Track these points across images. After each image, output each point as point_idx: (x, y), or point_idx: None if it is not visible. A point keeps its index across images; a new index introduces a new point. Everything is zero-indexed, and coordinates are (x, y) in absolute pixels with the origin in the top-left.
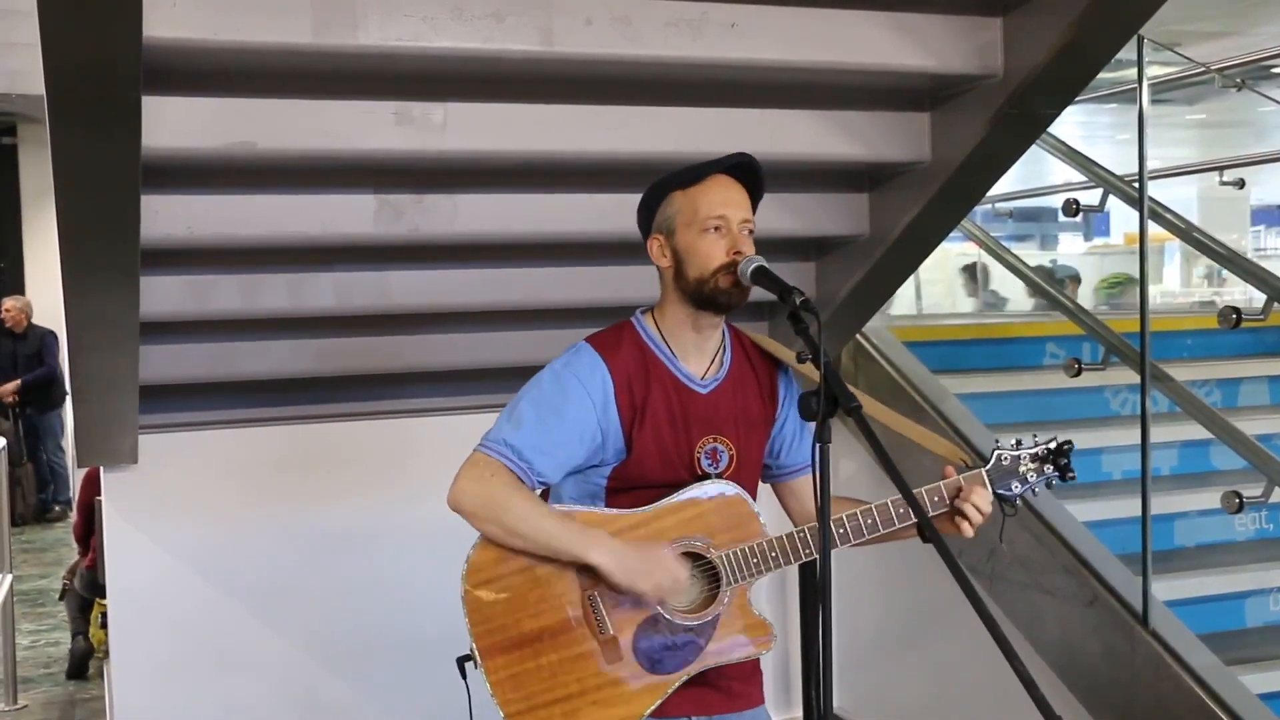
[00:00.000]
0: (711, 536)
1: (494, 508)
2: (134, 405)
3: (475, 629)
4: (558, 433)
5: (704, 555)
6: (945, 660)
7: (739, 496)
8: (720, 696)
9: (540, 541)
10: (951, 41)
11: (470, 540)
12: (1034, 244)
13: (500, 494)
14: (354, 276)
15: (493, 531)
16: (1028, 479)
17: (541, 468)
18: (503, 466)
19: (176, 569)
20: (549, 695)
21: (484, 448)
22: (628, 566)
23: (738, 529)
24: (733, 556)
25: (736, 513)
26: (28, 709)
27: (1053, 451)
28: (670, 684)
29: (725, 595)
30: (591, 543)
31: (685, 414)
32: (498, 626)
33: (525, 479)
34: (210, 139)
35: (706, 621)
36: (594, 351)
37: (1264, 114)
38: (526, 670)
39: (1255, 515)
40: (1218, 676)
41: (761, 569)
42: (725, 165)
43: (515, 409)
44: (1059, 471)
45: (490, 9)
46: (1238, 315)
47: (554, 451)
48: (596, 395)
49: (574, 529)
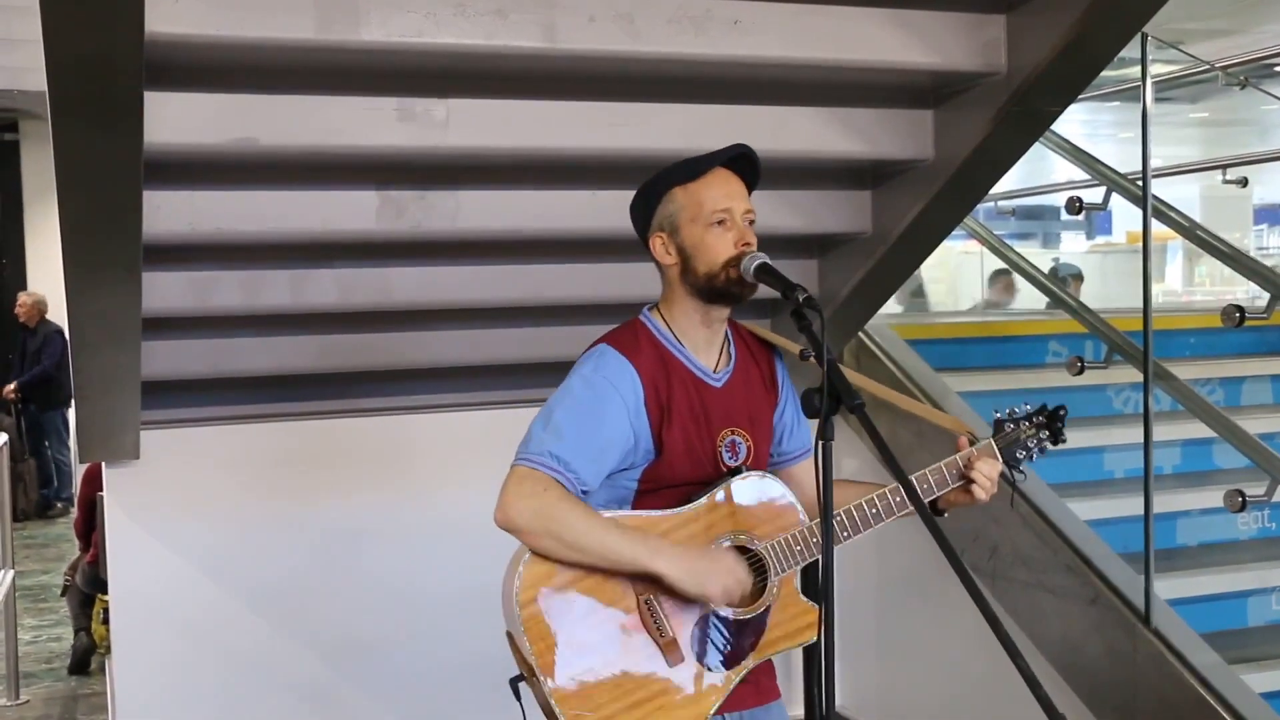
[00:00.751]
0: (753, 529)
1: (551, 523)
2: (136, 401)
3: (535, 645)
4: (598, 439)
5: (749, 548)
6: (948, 658)
7: (772, 485)
8: (752, 691)
9: (603, 554)
10: (955, 39)
11: (473, 538)
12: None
13: (556, 509)
14: (356, 273)
15: (549, 547)
16: (1029, 445)
17: (586, 476)
18: (553, 480)
19: (178, 565)
20: (616, 705)
21: (527, 461)
22: (695, 572)
23: (776, 519)
24: (777, 546)
25: (772, 503)
26: (29, 704)
27: (1048, 416)
28: (733, 680)
29: (774, 586)
30: (655, 552)
31: (705, 409)
32: (559, 641)
33: (572, 489)
34: (212, 135)
35: (759, 614)
36: (619, 354)
37: (1267, 112)
38: (594, 681)
39: (1258, 514)
40: (1220, 675)
41: (805, 555)
42: (723, 158)
43: (550, 418)
44: (1052, 435)
45: (493, 5)
46: (1241, 314)
47: (597, 458)
48: (629, 398)
49: (635, 539)
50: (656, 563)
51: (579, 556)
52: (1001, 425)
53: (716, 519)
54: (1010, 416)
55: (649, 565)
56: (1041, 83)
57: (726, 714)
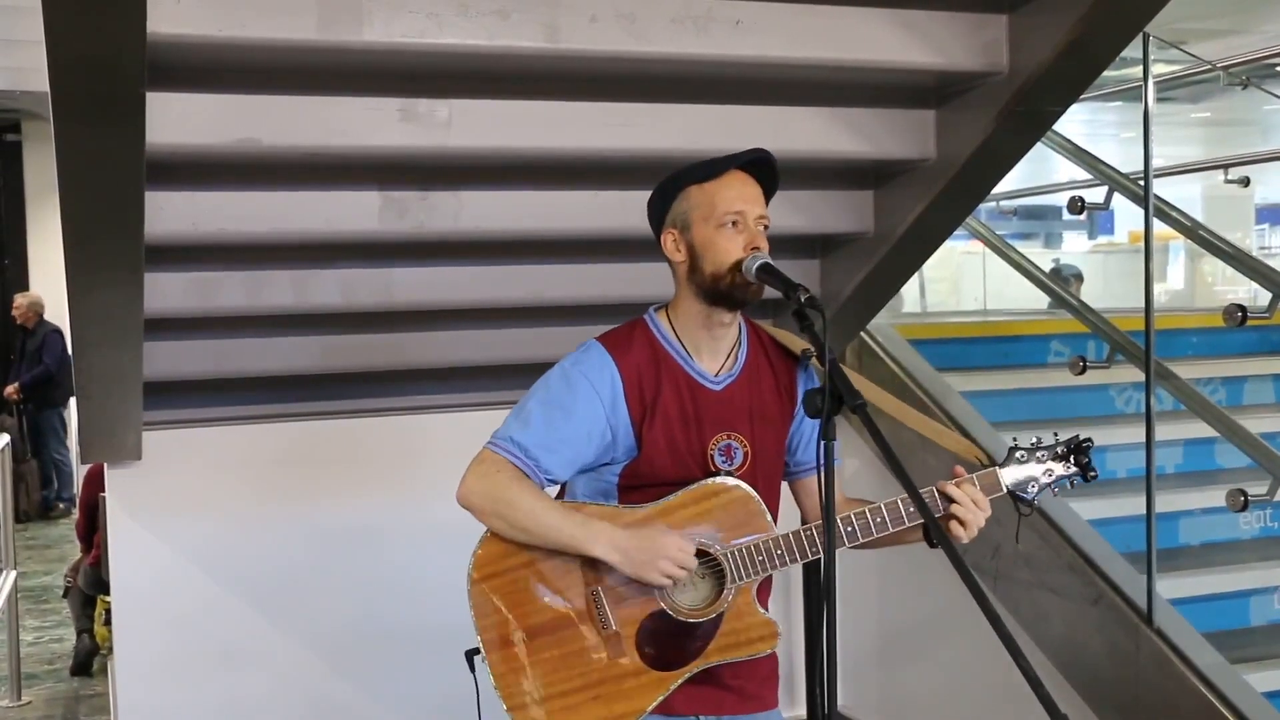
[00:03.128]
0: (719, 533)
1: (499, 503)
2: (138, 402)
3: (480, 622)
4: (565, 430)
5: (709, 552)
6: (950, 659)
7: (747, 493)
8: (733, 697)
9: (545, 535)
10: (957, 39)
11: (475, 538)
12: (1038, 242)
13: (505, 489)
14: (359, 273)
15: (498, 526)
16: (1045, 479)
17: (549, 465)
18: (508, 463)
19: (180, 566)
20: (551, 689)
21: (492, 445)
22: (633, 557)
23: (745, 526)
24: (738, 554)
25: (744, 510)
26: (31, 705)
27: (1071, 449)
28: (673, 680)
29: (730, 592)
30: (594, 535)
31: (697, 411)
32: (502, 620)
33: (532, 476)
34: (215, 135)
35: (710, 619)
36: (603, 350)
37: (1269, 112)
38: (529, 664)
39: (1260, 513)
40: (1222, 675)
41: (767, 566)
42: (742, 161)
43: (524, 407)
44: (1080, 470)
45: (495, 6)
46: (1243, 313)
47: (561, 449)
48: (605, 393)
49: (577, 522)
50: (595, 547)
51: (525, 537)
52: (1012, 454)
53: (682, 519)
54: (1032, 445)
55: (589, 548)
56: (1043, 83)
57: (702, 715)
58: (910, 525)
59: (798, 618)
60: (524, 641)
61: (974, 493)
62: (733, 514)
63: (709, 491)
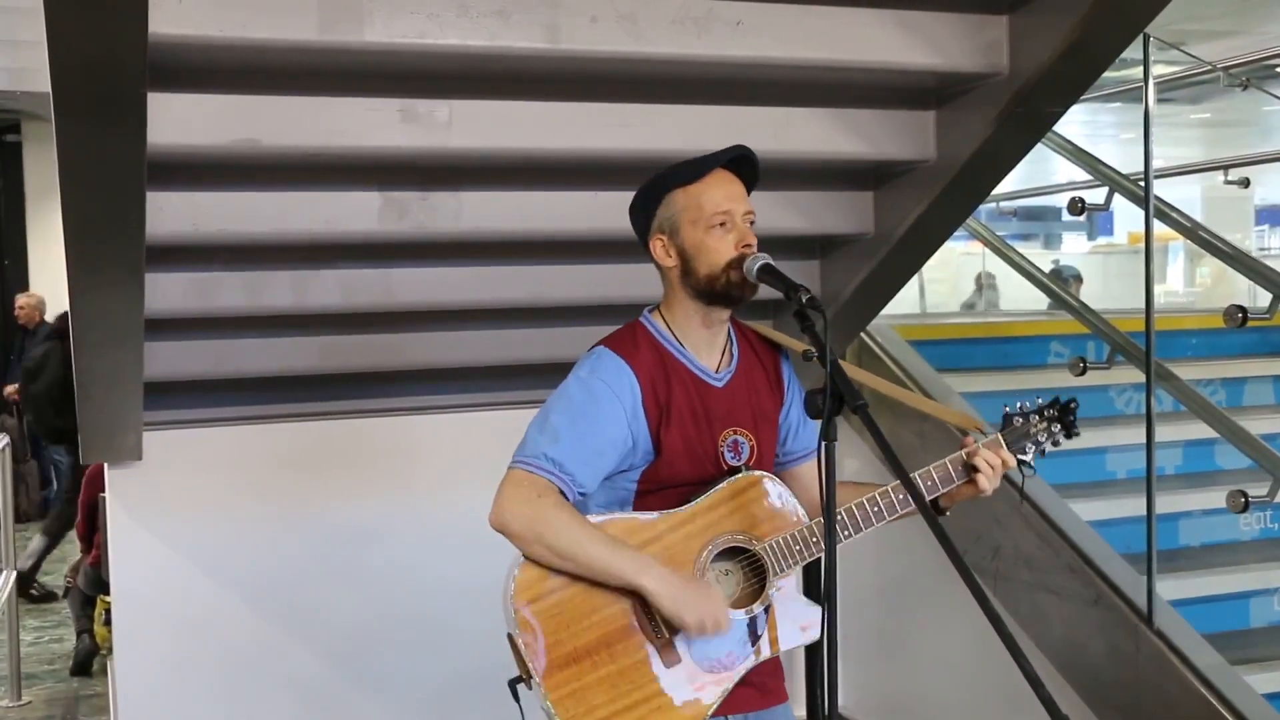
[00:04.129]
0: (751, 529)
1: (544, 531)
2: (138, 402)
3: (530, 648)
4: (593, 441)
5: (747, 548)
6: (950, 659)
7: (770, 485)
8: (755, 693)
9: (591, 566)
10: (957, 40)
11: (478, 538)
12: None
13: (549, 516)
14: (358, 274)
15: (539, 554)
16: (1039, 439)
17: (582, 478)
18: (549, 485)
19: (180, 566)
20: (613, 705)
21: (524, 464)
22: (677, 596)
23: (774, 519)
24: (776, 546)
25: (770, 502)
26: (31, 705)
27: (1059, 410)
28: (731, 680)
29: (773, 586)
30: (643, 568)
31: (706, 409)
32: (554, 643)
33: (568, 493)
34: (215, 136)
35: (759, 614)
36: (617, 356)
37: (1269, 113)
38: (587, 683)
39: (1260, 515)
40: (1222, 676)
41: (804, 555)
42: (723, 160)
43: (546, 421)
44: (1064, 428)
45: (495, 6)
46: (1243, 314)
47: (593, 461)
48: (626, 400)
49: (624, 554)
50: (643, 579)
51: (569, 565)
52: (1010, 419)
53: (714, 519)
54: (1020, 411)
55: (636, 580)
56: (1043, 84)
57: (730, 716)
58: (905, 512)
59: None
60: (579, 660)
61: (991, 456)
62: (765, 507)
63: (740, 487)
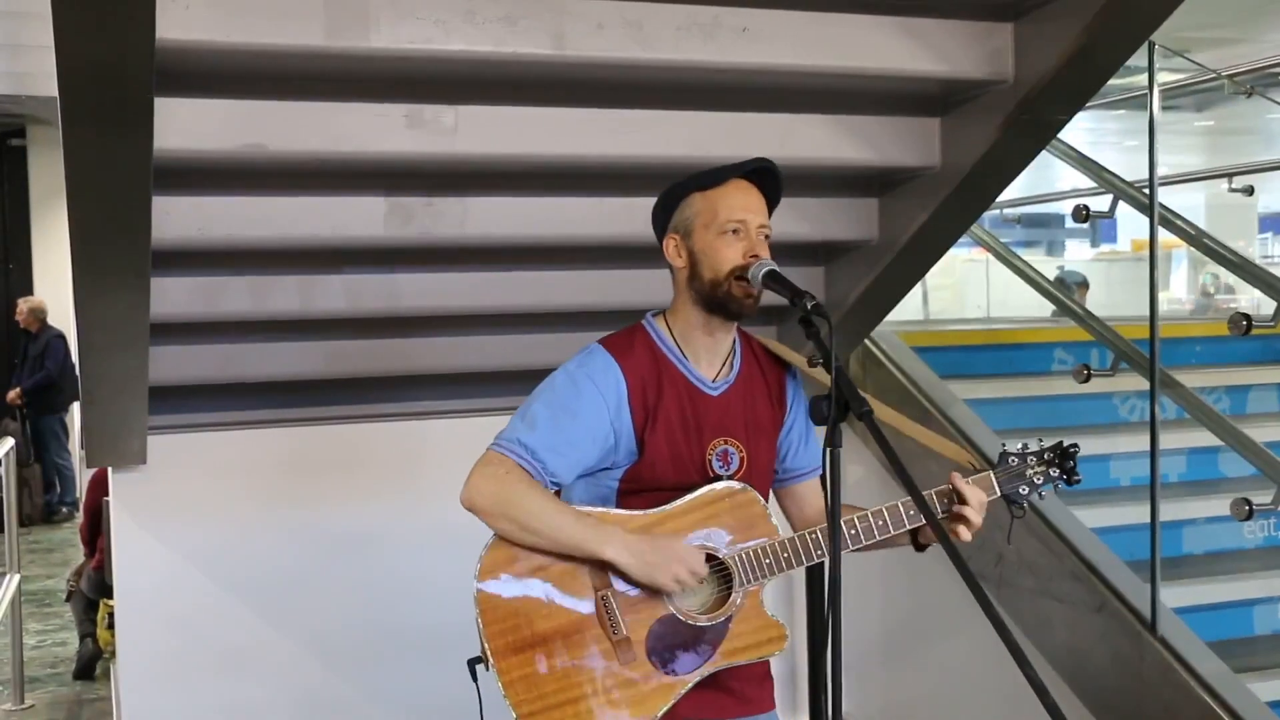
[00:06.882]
0: (727, 536)
1: (508, 505)
2: (143, 406)
3: (488, 629)
4: (571, 433)
5: (716, 556)
6: (954, 666)
7: (754, 497)
8: (733, 700)
9: (555, 538)
10: (962, 47)
11: (481, 541)
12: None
13: (515, 491)
14: (364, 279)
15: (506, 529)
16: (1035, 482)
17: (555, 467)
18: (516, 464)
19: (184, 570)
20: (562, 696)
21: (497, 446)
22: (644, 560)
23: (750, 529)
24: (746, 557)
25: (749, 513)
26: (34, 709)
27: (1059, 454)
28: (684, 685)
29: (738, 596)
30: (606, 538)
31: (697, 416)
32: (511, 627)
33: (538, 478)
34: (222, 141)
35: (720, 622)
36: (607, 353)
37: (1273, 120)
38: (539, 671)
39: (1264, 522)
40: (1226, 684)
41: (774, 569)
42: (746, 169)
43: (529, 409)
44: (1064, 474)
45: (502, 12)
46: (1248, 322)
47: (567, 451)
48: (610, 396)
49: (589, 524)
50: (606, 549)
51: (534, 539)
52: (1006, 458)
53: (688, 523)
54: (1019, 452)
55: (600, 551)
56: (1048, 91)
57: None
58: (909, 528)
59: (800, 622)
60: (533, 648)
61: (978, 494)
62: (740, 517)
63: (718, 495)
